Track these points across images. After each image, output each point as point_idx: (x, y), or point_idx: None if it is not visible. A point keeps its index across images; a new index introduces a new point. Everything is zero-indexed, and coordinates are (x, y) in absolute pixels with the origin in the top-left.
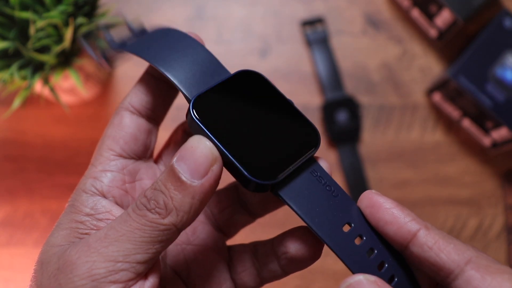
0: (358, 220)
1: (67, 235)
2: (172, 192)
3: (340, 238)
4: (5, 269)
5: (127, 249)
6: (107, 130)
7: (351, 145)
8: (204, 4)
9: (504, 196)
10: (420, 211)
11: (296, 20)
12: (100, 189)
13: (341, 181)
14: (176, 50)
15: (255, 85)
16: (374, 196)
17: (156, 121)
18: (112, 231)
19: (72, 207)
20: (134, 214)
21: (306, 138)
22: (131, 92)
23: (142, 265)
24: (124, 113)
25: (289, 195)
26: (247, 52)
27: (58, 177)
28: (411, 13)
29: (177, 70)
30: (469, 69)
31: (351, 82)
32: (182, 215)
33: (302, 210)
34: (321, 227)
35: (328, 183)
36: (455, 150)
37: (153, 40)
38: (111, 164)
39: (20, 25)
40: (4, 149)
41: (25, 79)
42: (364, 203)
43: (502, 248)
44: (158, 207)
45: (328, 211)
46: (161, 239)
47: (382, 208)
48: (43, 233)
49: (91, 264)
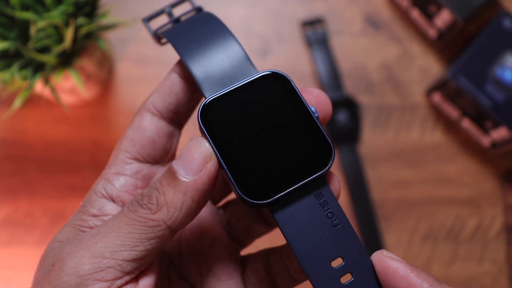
0: (355, 255)
1: (68, 231)
2: (165, 188)
3: (324, 273)
4: (6, 268)
5: (114, 245)
6: (127, 130)
7: (351, 145)
8: (204, 4)
9: (504, 196)
10: (420, 211)
11: (296, 20)
12: (110, 192)
13: (341, 181)
14: (208, 44)
15: (275, 89)
16: (387, 260)
17: (178, 124)
18: (104, 227)
19: (82, 207)
20: (126, 210)
21: (317, 156)
22: (155, 92)
23: (129, 263)
24: (145, 114)
25: (283, 217)
26: (247, 52)
27: (59, 177)
28: (411, 13)
29: (202, 67)
30: (468, 69)
31: (351, 82)
32: (172, 212)
33: (291, 236)
34: (306, 258)
35: (331, 210)
36: (455, 150)
37: (190, 28)
38: (126, 167)
39: (20, 25)
40: (5, 149)
41: (26, 79)
42: (376, 269)
43: (502, 248)
44: (150, 202)
45: (321, 242)
46: (150, 236)
47: (397, 276)
48: (43, 233)
49: (78, 259)
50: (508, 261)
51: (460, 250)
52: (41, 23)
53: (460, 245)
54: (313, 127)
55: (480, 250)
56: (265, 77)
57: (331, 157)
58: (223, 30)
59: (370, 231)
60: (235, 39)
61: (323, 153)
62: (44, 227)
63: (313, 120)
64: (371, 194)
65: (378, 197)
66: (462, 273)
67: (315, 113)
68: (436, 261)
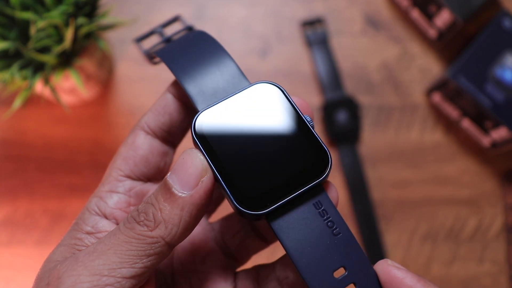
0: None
1: (64, 251)
2: (162, 204)
3: (326, 284)
4: (6, 268)
5: (113, 262)
6: (121, 148)
7: (351, 145)
8: (204, 4)
9: (504, 196)
10: (420, 211)
11: (296, 20)
12: (103, 210)
13: (341, 181)
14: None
15: (268, 100)
16: (392, 270)
17: (172, 143)
18: (101, 245)
19: (76, 224)
20: (123, 227)
21: (313, 164)
22: (149, 111)
23: (128, 280)
24: (139, 132)
25: (281, 227)
26: (247, 52)
27: (59, 177)
28: (411, 13)
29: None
30: (468, 69)
31: (350, 82)
32: (171, 228)
33: (291, 247)
34: (307, 269)
35: (331, 219)
36: (455, 150)
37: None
38: (119, 185)
39: (20, 25)
40: (5, 149)
41: (26, 79)
42: (381, 279)
43: (502, 248)
44: (147, 219)
45: (322, 252)
46: (149, 252)
47: (405, 286)
48: (43, 233)
49: (75, 278)
50: (508, 261)
51: (460, 250)
52: (41, 23)
53: (460, 245)
54: (309, 135)
55: (480, 250)
56: (257, 88)
57: (329, 165)
58: (215, 46)
59: (370, 231)
60: (227, 55)
61: (320, 161)
62: (44, 227)
63: (308, 128)
64: (371, 194)
65: (378, 197)
66: (462, 273)
67: (310, 122)
68: (436, 261)
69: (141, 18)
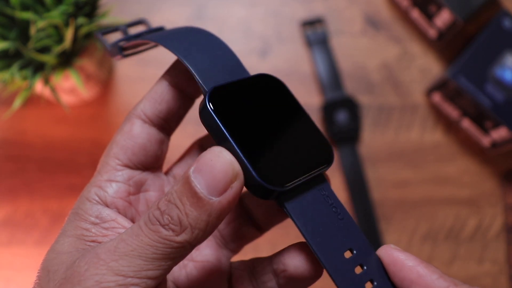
0: (363, 248)
1: (74, 242)
2: (188, 208)
3: (340, 263)
4: (6, 268)
5: (138, 265)
6: (116, 136)
7: (351, 145)
8: (204, 4)
9: (504, 196)
10: (420, 211)
11: (296, 20)
12: (104, 199)
13: (341, 181)
14: (199, 44)
15: (273, 90)
16: (395, 252)
17: (167, 131)
18: (122, 244)
19: (76, 214)
20: (146, 228)
21: (319, 153)
22: (145, 99)
23: (153, 280)
24: (135, 120)
25: (294, 208)
26: (247, 52)
27: (59, 177)
28: (411, 13)
29: (197, 60)
30: (468, 69)
31: (350, 82)
32: (197, 233)
33: (306, 227)
34: (322, 248)
35: (334, 205)
36: (455, 150)
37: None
38: (117, 174)
39: (20, 25)
40: (5, 149)
41: (26, 79)
42: (384, 261)
43: (502, 248)
44: (172, 223)
45: (332, 233)
46: (173, 256)
47: (406, 267)
48: (43, 233)
49: (100, 277)
50: (508, 261)
51: (460, 250)
52: (41, 23)
53: (460, 245)
54: (313, 127)
55: (480, 250)
56: (263, 77)
57: (332, 154)
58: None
59: (370, 231)
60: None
61: (325, 150)
62: (44, 227)
63: (311, 121)
64: (371, 194)
65: (378, 197)
66: (462, 273)
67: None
68: (436, 261)
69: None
